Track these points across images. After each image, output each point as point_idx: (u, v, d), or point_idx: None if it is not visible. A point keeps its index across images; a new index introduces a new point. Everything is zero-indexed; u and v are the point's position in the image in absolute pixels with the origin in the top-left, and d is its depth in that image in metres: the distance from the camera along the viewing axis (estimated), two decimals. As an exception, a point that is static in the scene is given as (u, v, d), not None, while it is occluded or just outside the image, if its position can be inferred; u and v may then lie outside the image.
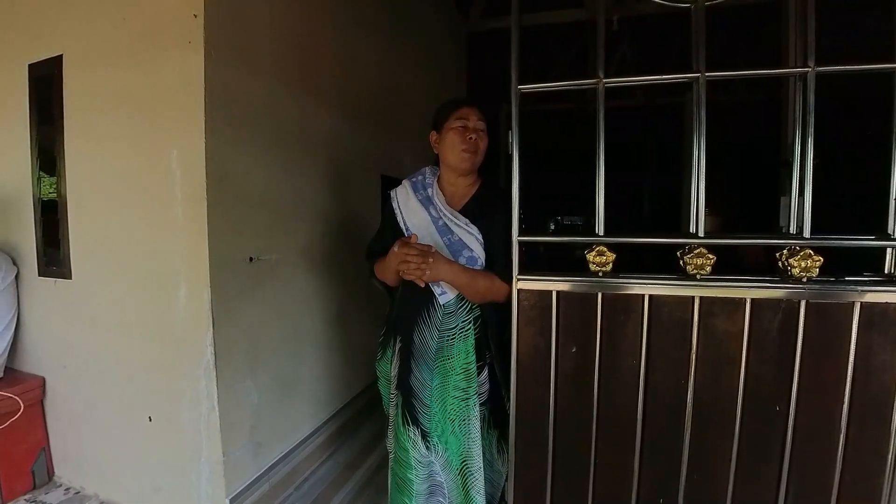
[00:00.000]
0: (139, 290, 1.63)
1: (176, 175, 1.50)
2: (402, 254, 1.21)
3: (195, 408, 1.56)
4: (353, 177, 2.37)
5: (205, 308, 1.49)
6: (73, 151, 1.73)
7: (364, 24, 2.46)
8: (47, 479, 1.95)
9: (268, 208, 1.75)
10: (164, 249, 1.56)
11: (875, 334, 0.99)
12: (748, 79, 1.16)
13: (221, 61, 1.49)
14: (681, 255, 1.06)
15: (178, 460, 1.62)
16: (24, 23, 1.81)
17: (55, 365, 1.90)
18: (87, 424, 1.83)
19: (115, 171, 1.64)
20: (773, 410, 1.04)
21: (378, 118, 2.61)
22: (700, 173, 1.04)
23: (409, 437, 1.33)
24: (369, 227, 2.43)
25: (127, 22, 1.56)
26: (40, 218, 1.86)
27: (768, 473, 1.06)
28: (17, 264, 1.92)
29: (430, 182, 1.39)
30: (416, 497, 1.37)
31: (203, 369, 1.52)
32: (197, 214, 1.47)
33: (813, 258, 0.99)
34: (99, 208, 1.70)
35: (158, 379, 1.63)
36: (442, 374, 1.31)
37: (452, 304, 1.31)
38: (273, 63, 1.75)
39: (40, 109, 1.80)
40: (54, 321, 1.89)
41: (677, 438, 1.09)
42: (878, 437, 1.01)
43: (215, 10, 1.45)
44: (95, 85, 1.65)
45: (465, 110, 1.31)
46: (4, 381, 1.87)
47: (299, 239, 1.96)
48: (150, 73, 1.52)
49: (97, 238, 1.72)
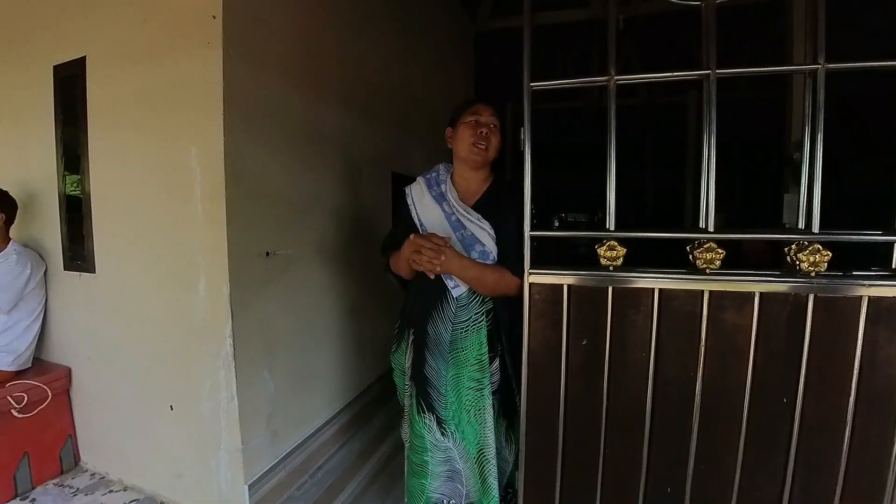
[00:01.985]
0: (160, 283, 1.65)
1: (196, 172, 1.51)
2: (416, 244, 1.21)
3: (215, 397, 1.58)
4: (365, 174, 2.37)
5: (224, 301, 1.50)
6: (96, 150, 1.75)
7: (374, 25, 2.45)
8: (74, 464, 1.98)
9: (283, 204, 1.76)
10: (185, 244, 1.57)
11: (882, 328, 0.98)
12: (752, 78, 1.14)
13: (239, 62, 1.49)
14: (690, 250, 1.04)
15: (199, 448, 1.64)
16: (50, 26, 1.83)
17: (80, 355, 1.93)
18: (111, 412, 1.86)
19: (136, 169, 1.65)
20: (780, 403, 1.03)
21: (388, 116, 2.61)
22: (710, 169, 1.02)
23: (424, 423, 1.35)
24: (380, 223, 2.44)
25: (147, 24, 1.57)
26: (65, 214, 1.89)
27: (775, 465, 1.05)
28: (45, 259, 1.95)
29: (443, 178, 1.39)
30: (434, 478, 1.39)
31: (222, 360, 1.54)
32: (216, 211, 1.48)
33: (821, 253, 0.98)
34: (121, 205, 1.72)
35: (179, 369, 1.65)
36: (456, 365, 1.32)
37: (465, 297, 1.31)
38: (287, 63, 1.75)
39: (65, 109, 1.82)
40: (79, 313, 1.91)
41: (685, 430, 1.08)
42: (884, 430, 0.99)
43: (233, 11, 1.46)
44: (117, 85, 1.66)
45: (478, 107, 1.34)
46: (33, 371, 1.90)
47: (313, 234, 1.96)
48: (170, 74, 1.53)
49: (120, 233, 1.74)
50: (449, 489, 1.43)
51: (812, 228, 0.98)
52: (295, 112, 1.81)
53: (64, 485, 1.87)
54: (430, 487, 1.40)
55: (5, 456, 1.76)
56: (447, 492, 1.43)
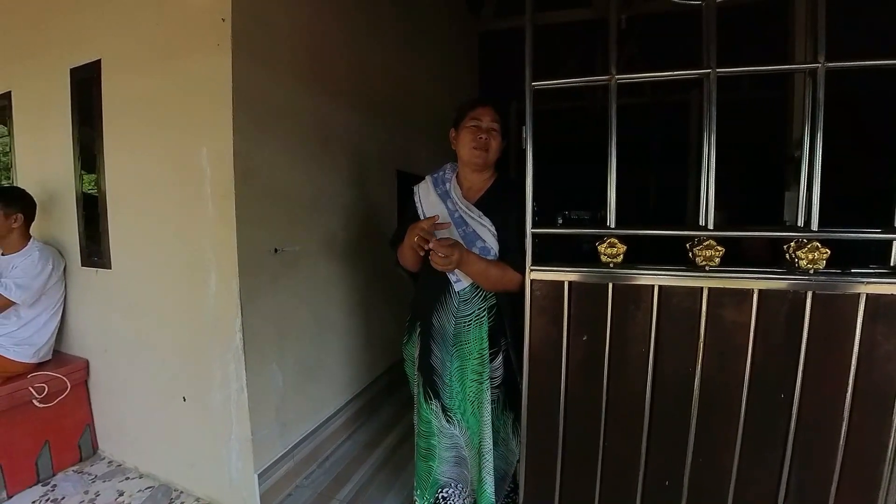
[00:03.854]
0: (173, 279, 1.66)
1: (206, 171, 1.52)
2: (419, 228, 1.20)
3: (225, 389, 1.59)
4: (370, 172, 2.37)
5: (233, 296, 1.51)
6: (111, 150, 1.76)
7: (380, 26, 2.44)
8: (92, 452, 2.01)
9: (290, 202, 1.76)
10: (196, 241, 1.58)
11: (880, 325, 0.96)
12: (752, 77, 1.12)
13: (247, 63, 1.49)
14: (690, 247, 1.03)
15: (210, 437, 1.66)
16: (67, 30, 1.84)
17: (97, 348, 1.95)
18: (127, 403, 1.88)
19: (149, 168, 1.66)
20: (777, 398, 1.02)
21: (393, 116, 2.60)
22: (710, 168, 1.01)
23: (431, 409, 1.37)
24: (385, 220, 2.44)
25: (160, 27, 1.57)
26: (82, 212, 1.91)
27: (771, 459, 1.05)
28: (64, 256, 1.97)
29: (448, 177, 1.40)
30: (442, 462, 1.41)
31: (232, 353, 1.55)
32: (226, 208, 1.49)
33: (820, 251, 0.97)
34: (135, 203, 1.73)
35: (191, 362, 1.66)
36: (460, 357, 1.33)
37: (468, 292, 1.31)
38: (295, 64, 1.75)
39: (81, 111, 1.83)
40: (96, 308, 1.93)
41: (684, 424, 1.07)
42: (880, 426, 0.98)
43: (242, 14, 1.46)
44: (131, 87, 1.67)
45: (479, 110, 1.32)
46: (53, 363, 1.93)
47: (320, 231, 1.97)
48: (182, 75, 1.54)
49: (134, 231, 1.75)
50: (456, 474, 1.44)
51: (811, 226, 0.97)
52: (302, 111, 1.81)
53: (83, 472, 1.90)
54: (438, 471, 1.42)
55: (28, 443, 1.79)
56: (454, 476, 1.44)
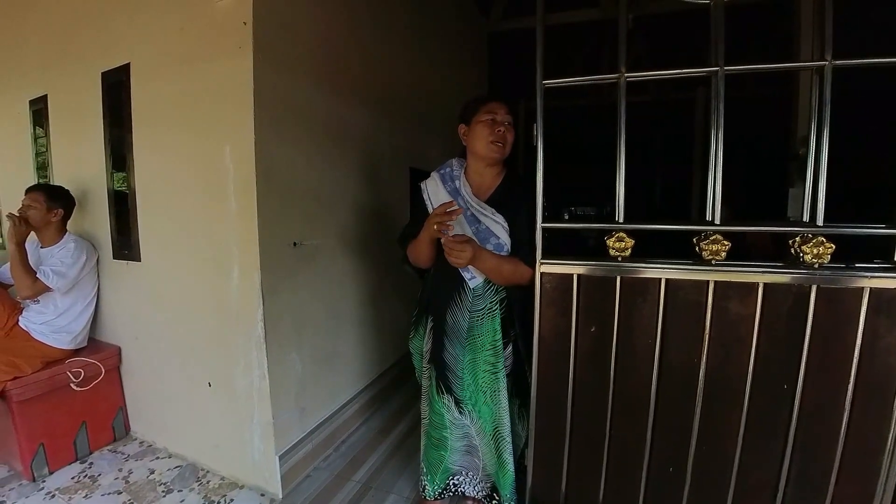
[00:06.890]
0: (199, 271, 1.69)
1: (229, 169, 1.54)
2: (437, 216, 1.19)
3: (248, 376, 1.62)
4: (384, 169, 2.38)
5: (255, 287, 1.54)
6: (140, 149, 1.79)
7: (394, 27, 2.43)
8: (125, 433, 2.07)
9: (309, 198, 1.78)
10: (220, 235, 1.60)
11: (883, 318, 0.95)
12: (758, 75, 1.10)
13: (268, 64, 1.50)
14: (697, 242, 1.03)
15: (234, 421, 1.69)
16: (98, 36, 1.86)
17: (128, 336, 2.00)
18: (157, 387, 1.93)
19: (176, 167, 1.69)
20: (780, 389, 1.01)
21: (406, 114, 2.60)
22: (717, 163, 1.00)
23: (443, 403, 1.38)
24: (398, 216, 2.45)
25: (185, 31, 1.59)
26: (114, 208, 1.94)
27: (773, 448, 1.04)
28: (97, 248, 2.02)
29: (457, 174, 1.37)
30: (453, 452, 1.42)
31: (254, 342, 1.58)
32: (248, 204, 1.51)
33: (825, 245, 0.95)
34: (163, 200, 1.76)
35: (216, 350, 1.69)
36: (473, 350, 1.33)
37: (481, 288, 1.31)
38: (312, 65, 1.76)
39: (112, 112, 1.86)
40: (127, 298, 1.98)
41: (688, 413, 1.07)
42: (880, 417, 0.97)
43: (263, 18, 1.46)
44: (158, 89, 1.69)
45: (493, 104, 1.29)
46: (88, 349, 1.99)
47: (337, 226, 1.98)
48: (206, 77, 1.55)
49: (162, 225, 1.78)
50: (466, 462, 1.45)
51: (816, 221, 0.96)
52: (319, 111, 1.82)
53: (117, 451, 1.95)
54: (450, 460, 1.43)
55: (67, 424, 1.84)
56: (465, 464, 1.46)
